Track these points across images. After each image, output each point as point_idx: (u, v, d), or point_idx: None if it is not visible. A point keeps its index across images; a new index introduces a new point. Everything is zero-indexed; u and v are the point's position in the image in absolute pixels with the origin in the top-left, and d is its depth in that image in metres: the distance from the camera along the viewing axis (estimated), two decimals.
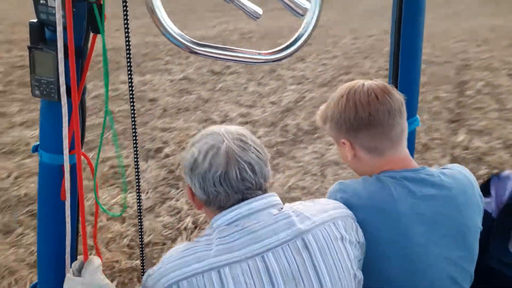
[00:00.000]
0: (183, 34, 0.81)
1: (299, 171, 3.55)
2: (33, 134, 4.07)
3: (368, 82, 1.05)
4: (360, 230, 0.96)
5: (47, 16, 0.80)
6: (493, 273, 1.15)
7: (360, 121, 1.00)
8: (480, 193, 1.09)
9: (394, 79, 1.40)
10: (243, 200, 0.90)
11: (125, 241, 2.64)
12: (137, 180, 1.11)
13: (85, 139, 0.98)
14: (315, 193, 3.25)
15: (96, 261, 0.95)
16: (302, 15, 0.86)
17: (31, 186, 3.18)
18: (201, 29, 9.57)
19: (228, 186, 0.88)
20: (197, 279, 0.82)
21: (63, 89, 0.83)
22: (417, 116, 1.45)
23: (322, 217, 0.91)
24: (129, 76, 1.00)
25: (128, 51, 0.96)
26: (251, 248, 0.84)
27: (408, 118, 1.07)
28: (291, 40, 0.90)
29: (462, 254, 1.01)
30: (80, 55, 0.86)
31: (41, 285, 1.05)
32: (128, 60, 0.98)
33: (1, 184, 3.21)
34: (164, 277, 0.84)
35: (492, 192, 1.23)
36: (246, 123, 4.49)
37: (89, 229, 2.65)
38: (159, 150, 3.86)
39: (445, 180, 1.02)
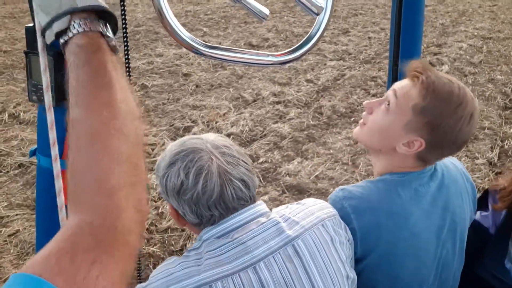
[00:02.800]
0: (192, 36, 0.81)
1: (329, 159, 3.37)
2: None
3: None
4: (348, 228, 0.95)
5: None
6: (484, 283, 1.12)
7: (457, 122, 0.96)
8: (472, 182, 1.11)
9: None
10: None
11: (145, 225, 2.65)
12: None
13: None
14: (344, 185, 3.07)
15: None
16: (318, 14, 0.84)
17: None
18: None
19: (223, 208, 0.86)
20: None
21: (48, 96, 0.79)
22: None
23: (310, 220, 0.90)
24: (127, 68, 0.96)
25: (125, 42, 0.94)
26: (242, 260, 0.83)
27: None
28: (302, 41, 0.88)
29: (455, 243, 1.04)
30: None
31: None
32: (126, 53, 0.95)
33: (33, 158, 3.30)
34: None
35: (490, 206, 1.18)
36: (278, 103, 4.31)
37: None
38: (187, 129, 3.81)
39: (439, 171, 1.05)
